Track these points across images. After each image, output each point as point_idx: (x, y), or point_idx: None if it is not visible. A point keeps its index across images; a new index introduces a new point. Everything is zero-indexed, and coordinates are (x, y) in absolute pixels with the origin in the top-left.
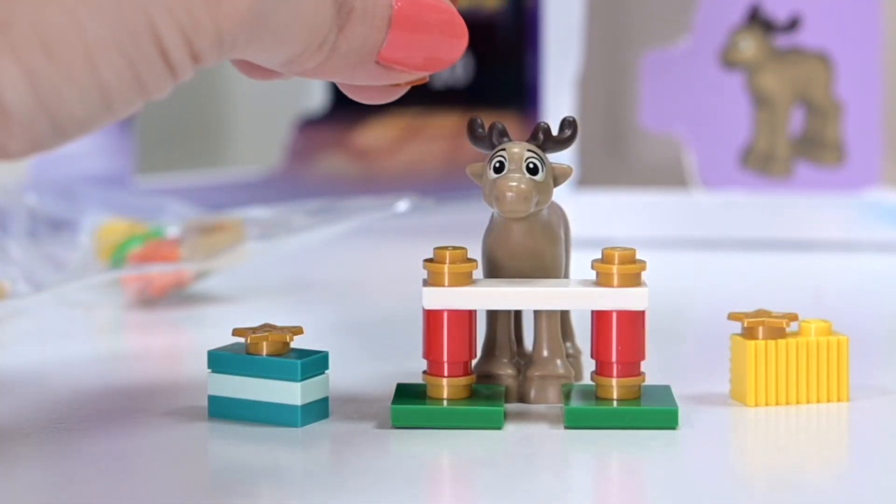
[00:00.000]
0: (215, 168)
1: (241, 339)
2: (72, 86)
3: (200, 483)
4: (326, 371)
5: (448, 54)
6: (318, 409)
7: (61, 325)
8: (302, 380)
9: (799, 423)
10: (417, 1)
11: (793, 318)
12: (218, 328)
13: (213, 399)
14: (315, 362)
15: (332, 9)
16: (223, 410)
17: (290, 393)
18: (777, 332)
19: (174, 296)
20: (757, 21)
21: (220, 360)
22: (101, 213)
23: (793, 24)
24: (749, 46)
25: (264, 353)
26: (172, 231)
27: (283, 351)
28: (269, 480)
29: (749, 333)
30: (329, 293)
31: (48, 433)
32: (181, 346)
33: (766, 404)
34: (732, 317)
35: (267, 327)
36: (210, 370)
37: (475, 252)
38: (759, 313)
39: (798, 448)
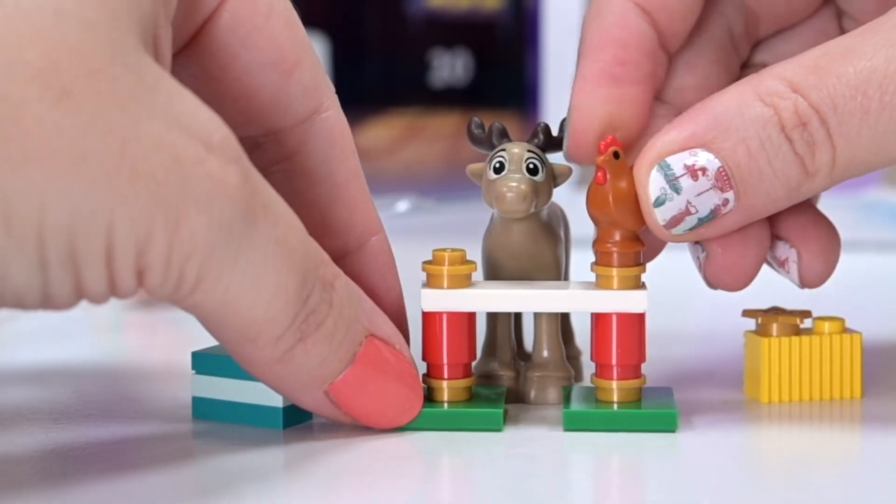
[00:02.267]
0: None
1: None
2: (20, 257)
3: (201, 482)
4: None
5: (397, 416)
6: (302, 411)
7: (61, 325)
8: None
9: (812, 420)
10: (389, 349)
11: (806, 315)
12: None
13: (196, 400)
14: None
15: (296, 302)
16: (207, 412)
17: (273, 395)
18: (791, 329)
19: None
20: None
21: (204, 362)
22: None
23: None
24: None
25: None
26: None
27: None
28: (256, 484)
29: (763, 330)
30: None
31: (48, 433)
32: (181, 345)
33: (780, 401)
34: (747, 314)
35: None
36: (194, 371)
37: (475, 252)
38: (773, 310)
39: (812, 444)
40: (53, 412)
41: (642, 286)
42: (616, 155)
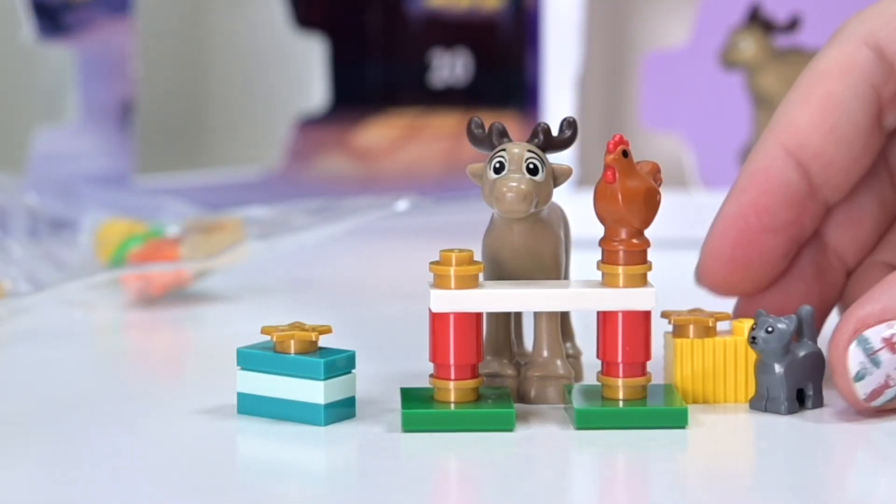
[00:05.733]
0: (215, 168)
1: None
2: None
3: (197, 481)
4: (353, 370)
5: None
6: (344, 409)
7: (61, 325)
8: (326, 378)
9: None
10: None
11: (724, 317)
12: (218, 328)
13: (241, 396)
14: (340, 361)
15: None
16: (250, 408)
17: (314, 391)
18: (705, 331)
19: (174, 295)
20: (757, 21)
21: (248, 358)
22: (101, 212)
23: (793, 24)
24: (749, 46)
25: (292, 351)
26: (172, 231)
27: (311, 349)
28: (273, 479)
29: (679, 331)
30: (329, 293)
31: (48, 433)
32: (181, 345)
33: (693, 402)
34: (665, 315)
35: (296, 326)
36: (239, 367)
37: (476, 252)
38: (692, 311)
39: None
40: (54, 412)
41: (649, 284)
42: (625, 153)
